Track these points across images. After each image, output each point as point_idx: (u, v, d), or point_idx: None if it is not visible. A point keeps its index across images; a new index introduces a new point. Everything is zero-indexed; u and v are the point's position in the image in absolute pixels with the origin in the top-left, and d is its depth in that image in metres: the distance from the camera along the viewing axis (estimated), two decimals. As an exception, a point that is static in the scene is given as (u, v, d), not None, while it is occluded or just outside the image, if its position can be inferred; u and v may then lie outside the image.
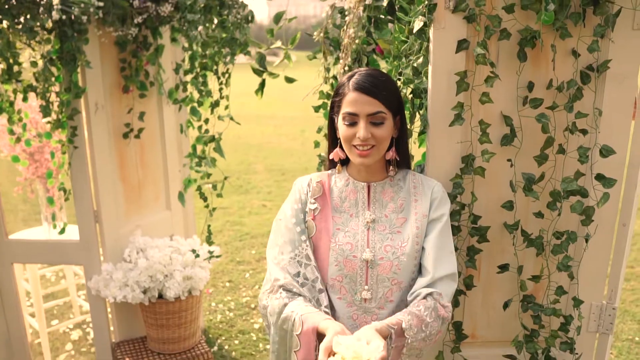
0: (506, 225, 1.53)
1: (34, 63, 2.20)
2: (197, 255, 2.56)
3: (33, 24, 2.11)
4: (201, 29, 2.48)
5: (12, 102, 2.32)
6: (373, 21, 1.65)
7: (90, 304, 2.61)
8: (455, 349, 1.63)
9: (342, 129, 1.36)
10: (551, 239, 1.52)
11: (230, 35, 2.48)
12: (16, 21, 2.12)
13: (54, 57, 2.20)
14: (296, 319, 1.30)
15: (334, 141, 1.45)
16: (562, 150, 1.47)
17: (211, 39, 2.51)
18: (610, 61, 1.42)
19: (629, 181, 1.56)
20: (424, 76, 1.55)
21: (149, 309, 2.54)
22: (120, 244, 2.62)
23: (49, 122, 2.30)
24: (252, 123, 10.98)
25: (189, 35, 2.46)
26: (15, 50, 2.18)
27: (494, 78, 1.41)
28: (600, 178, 1.45)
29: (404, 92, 1.62)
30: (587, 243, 1.52)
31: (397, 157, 1.42)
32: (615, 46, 1.43)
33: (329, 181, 1.47)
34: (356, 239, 1.39)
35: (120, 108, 2.55)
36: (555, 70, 1.45)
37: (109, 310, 2.65)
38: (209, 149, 2.51)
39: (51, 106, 2.27)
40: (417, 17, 1.44)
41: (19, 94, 2.28)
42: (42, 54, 2.19)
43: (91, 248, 2.52)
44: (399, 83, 1.61)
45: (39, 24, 2.12)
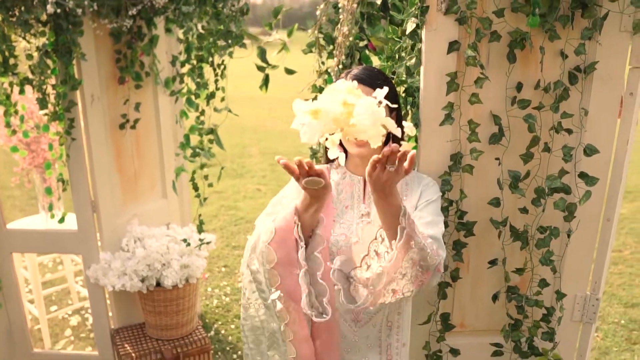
0: (493, 221, 1.59)
1: (29, 56, 2.21)
2: (189, 244, 2.61)
3: (28, 17, 2.11)
4: (196, 20, 2.48)
5: (8, 95, 2.33)
6: (366, 17, 1.68)
7: (89, 292, 2.66)
8: (440, 338, 1.69)
9: None
10: (535, 233, 1.58)
11: (225, 28, 2.48)
12: (10, 14, 2.12)
13: (49, 50, 2.21)
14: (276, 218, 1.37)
15: None
16: (548, 148, 1.52)
17: (206, 31, 2.52)
18: (597, 63, 1.46)
19: (614, 178, 1.61)
20: (417, 75, 1.58)
21: (147, 296, 2.59)
22: (118, 233, 2.66)
23: (46, 115, 2.32)
24: (246, 105, 10.95)
25: (183, 26, 2.47)
26: (10, 43, 2.19)
27: (484, 79, 1.45)
28: (583, 176, 1.50)
29: (398, 90, 1.66)
30: (570, 238, 1.58)
31: None
32: (603, 48, 1.46)
33: (328, 174, 1.50)
34: (350, 230, 1.43)
35: (116, 99, 2.57)
36: (543, 71, 1.48)
37: (107, 297, 2.70)
38: (206, 140, 2.54)
39: (48, 98, 2.29)
40: (410, 19, 1.47)
41: (15, 86, 2.29)
42: (37, 46, 2.20)
43: (89, 237, 2.57)
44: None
45: (33, 16, 2.12)
